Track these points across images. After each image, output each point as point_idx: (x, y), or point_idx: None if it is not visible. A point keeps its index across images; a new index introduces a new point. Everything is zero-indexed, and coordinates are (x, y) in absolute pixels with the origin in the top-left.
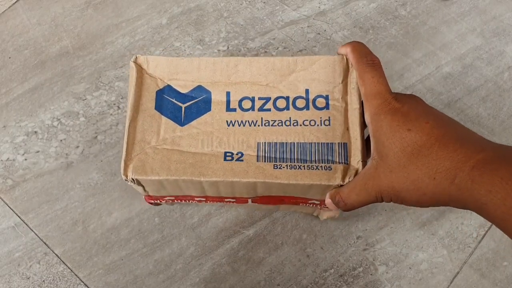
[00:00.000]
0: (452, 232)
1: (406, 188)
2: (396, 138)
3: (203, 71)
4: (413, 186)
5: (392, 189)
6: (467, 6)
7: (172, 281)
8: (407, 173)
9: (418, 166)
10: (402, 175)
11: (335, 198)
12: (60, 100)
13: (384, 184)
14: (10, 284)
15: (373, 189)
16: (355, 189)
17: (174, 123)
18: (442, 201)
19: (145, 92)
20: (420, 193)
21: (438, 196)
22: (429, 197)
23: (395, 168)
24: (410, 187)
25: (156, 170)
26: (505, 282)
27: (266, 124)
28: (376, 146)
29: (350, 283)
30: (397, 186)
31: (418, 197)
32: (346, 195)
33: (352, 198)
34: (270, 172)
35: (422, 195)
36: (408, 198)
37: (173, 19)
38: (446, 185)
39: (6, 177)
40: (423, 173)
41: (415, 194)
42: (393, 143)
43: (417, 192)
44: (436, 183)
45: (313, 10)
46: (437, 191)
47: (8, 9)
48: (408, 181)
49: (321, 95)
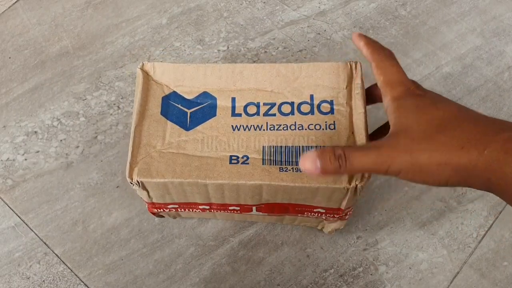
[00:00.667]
0: (452, 232)
1: (428, 156)
2: (422, 113)
3: (208, 77)
4: (437, 153)
5: (410, 156)
6: (467, 6)
7: (172, 281)
8: (432, 141)
9: (445, 135)
10: (425, 144)
11: (334, 152)
12: (60, 100)
13: (401, 150)
14: (10, 284)
15: (387, 153)
16: (364, 149)
17: (179, 128)
18: (462, 175)
19: (151, 98)
20: (443, 162)
21: (462, 167)
22: (451, 169)
23: (419, 137)
24: (433, 155)
25: (161, 172)
26: (505, 282)
27: (271, 128)
28: (398, 121)
29: (350, 283)
30: (417, 153)
31: (439, 168)
32: (351, 152)
33: (358, 158)
34: (276, 174)
35: (445, 165)
36: (426, 168)
37: (173, 19)
38: (474, 156)
39: (6, 177)
40: (451, 142)
41: (437, 163)
42: (420, 117)
43: (440, 161)
44: (463, 153)
45: (313, 10)
46: (462, 162)
47: (8, 9)
48: (431, 148)
49: (326, 100)
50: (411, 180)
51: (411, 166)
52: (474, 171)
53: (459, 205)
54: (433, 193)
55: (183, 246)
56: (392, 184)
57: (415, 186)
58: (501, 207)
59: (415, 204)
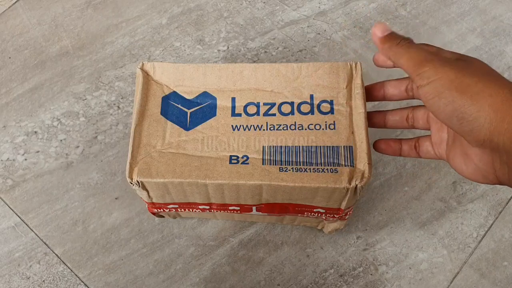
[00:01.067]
0: (452, 232)
1: (476, 80)
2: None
3: (208, 77)
4: (488, 83)
5: (459, 71)
6: (467, 6)
7: (172, 281)
8: (487, 75)
9: (501, 78)
10: (480, 73)
11: (399, 35)
12: (60, 100)
13: (453, 64)
14: (10, 284)
15: (438, 58)
16: (420, 45)
17: (179, 128)
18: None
19: (151, 98)
20: (488, 93)
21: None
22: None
23: (476, 67)
24: (483, 82)
25: (161, 172)
26: (505, 282)
27: (271, 128)
28: (459, 56)
29: (350, 283)
30: (467, 73)
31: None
32: (413, 43)
33: (412, 47)
34: (276, 174)
35: (489, 96)
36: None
37: (173, 19)
38: None
39: (6, 177)
40: (504, 83)
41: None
42: (479, 61)
43: (487, 90)
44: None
45: (313, 10)
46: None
47: (8, 9)
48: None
49: (326, 100)
50: (434, 96)
51: (453, 78)
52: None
53: (459, 205)
54: (433, 193)
55: (183, 246)
56: (392, 184)
57: (415, 186)
58: (501, 207)
59: (415, 204)
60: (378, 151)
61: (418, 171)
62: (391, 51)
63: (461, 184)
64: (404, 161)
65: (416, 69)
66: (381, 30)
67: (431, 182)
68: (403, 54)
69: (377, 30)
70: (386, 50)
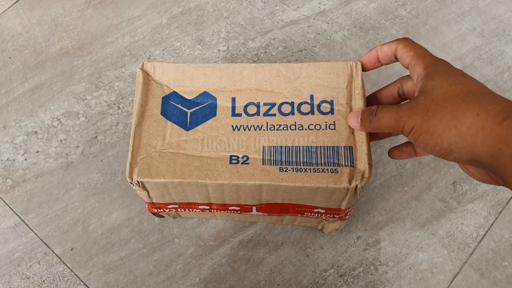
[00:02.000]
0: (452, 232)
1: (440, 116)
2: (450, 77)
3: (208, 77)
4: (450, 115)
5: (424, 114)
6: (467, 6)
7: (172, 281)
8: (449, 104)
9: (464, 101)
10: (443, 104)
11: (371, 108)
12: (60, 100)
13: (419, 108)
14: (10, 284)
15: (405, 111)
16: (389, 107)
17: (179, 128)
18: (468, 143)
19: (151, 98)
20: (452, 125)
21: (470, 134)
22: (457, 133)
23: (437, 98)
24: (445, 116)
25: (161, 172)
26: (505, 282)
27: (272, 128)
28: (424, 84)
29: (350, 283)
30: (431, 112)
31: (445, 130)
32: (381, 108)
33: (383, 114)
34: (276, 174)
35: (453, 127)
36: (433, 129)
37: (173, 19)
38: (490, 124)
39: (6, 177)
40: (467, 107)
41: (445, 124)
42: (445, 80)
43: (450, 123)
44: (478, 119)
45: (313, 10)
46: (474, 128)
47: (8, 9)
48: (446, 110)
49: (326, 100)
50: (418, 141)
51: (421, 124)
52: (485, 139)
53: (459, 205)
54: (433, 193)
55: (183, 246)
56: (392, 184)
57: (415, 186)
58: (501, 207)
59: (415, 204)
60: (394, 159)
61: (418, 171)
62: (372, 130)
63: (461, 184)
64: (404, 161)
65: (396, 130)
66: (355, 120)
67: (431, 182)
68: (381, 127)
69: (353, 122)
70: (369, 131)
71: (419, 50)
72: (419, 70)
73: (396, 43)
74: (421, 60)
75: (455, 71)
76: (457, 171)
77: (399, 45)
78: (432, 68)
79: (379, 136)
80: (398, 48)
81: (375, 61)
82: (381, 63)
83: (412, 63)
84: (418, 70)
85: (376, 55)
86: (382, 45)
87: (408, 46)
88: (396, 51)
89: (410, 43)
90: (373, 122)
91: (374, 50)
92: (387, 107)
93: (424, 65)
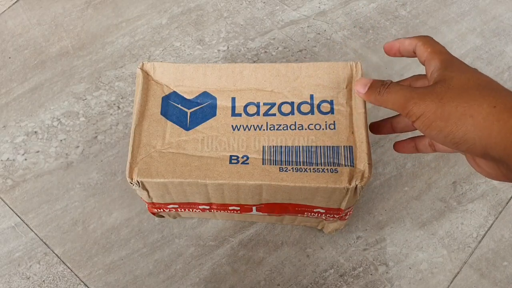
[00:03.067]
0: (452, 232)
1: (456, 104)
2: (468, 72)
3: (208, 77)
4: (466, 104)
5: (439, 100)
6: (467, 6)
7: (172, 281)
8: (466, 94)
9: (481, 93)
10: (459, 94)
11: (383, 81)
12: (60, 100)
13: (433, 94)
14: (10, 284)
15: (418, 93)
16: (403, 86)
17: (179, 128)
18: (482, 134)
19: (151, 98)
20: (468, 113)
21: (485, 125)
22: (472, 122)
23: (455, 87)
24: (461, 104)
25: (161, 172)
26: (505, 282)
27: (271, 128)
28: (441, 73)
29: (350, 283)
30: (447, 99)
31: (461, 118)
32: (394, 84)
33: (395, 89)
34: (276, 174)
35: (469, 116)
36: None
37: (173, 19)
38: (506, 117)
39: (6, 177)
40: (484, 99)
41: (461, 113)
42: (462, 72)
43: (466, 112)
44: (494, 111)
45: (313, 10)
46: (490, 119)
47: (8, 9)
48: (463, 99)
49: (326, 100)
50: (430, 128)
51: (435, 110)
52: (500, 131)
53: (459, 205)
54: (433, 193)
55: (183, 246)
56: (392, 184)
57: (415, 186)
58: (501, 207)
59: (415, 204)
60: (398, 151)
61: (418, 171)
62: (376, 101)
63: (461, 184)
64: (404, 161)
65: (403, 110)
66: (362, 85)
67: (431, 182)
68: (387, 101)
69: (359, 87)
70: (372, 101)
71: (438, 47)
72: (436, 64)
73: (416, 40)
74: (438, 56)
75: (472, 68)
76: (457, 171)
77: (418, 42)
78: (449, 63)
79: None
80: (417, 44)
81: (395, 51)
82: (401, 54)
83: (428, 58)
84: (434, 64)
85: (397, 46)
86: (405, 38)
87: (427, 43)
88: (416, 48)
89: (430, 40)
90: (382, 94)
91: (397, 41)
92: (400, 85)
93: (441, 60)
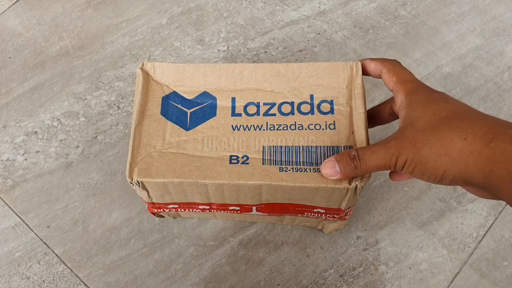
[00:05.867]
0: (452, 232)
1: (429, 146)
2: (432, 106)
3: (208, 77)
4: (439, 143)
5: (413, 146)
6: (467, 6)
7: (172, 281)
8: (435, 132)
9: (450, 127)
10: (429, 134)
11: (349, 154)
12: (60, 100)
13: (407, 141)
14: (10, 284)
15: (393, 147)
16: (373, 147)
17: (179, 128)
18: (460, 168)
19: (151, 98)
20: (442, 153)
21: (461, 159)
22: (449, 160)
23: (423, 128)
24: (435, 145)
25: (161, 172)
26: (505, 282)
27: (271, 128)
28: (407, 115)
29: (350, 283)
30: (420, 143)
31: (438, 159)
32: (363, 151)
33: (370, 156)
34: (276, 174)
35: (444, 155)
36: (426, 159)
37: (173, 19)
38: (478, 147)
39: (6, 177)
40: (453, 133)
41: (436, 154)
42: (427, 108)
43: (440, 151)
44: (466, 143)
45: (313, 10)
46: (464, 153)
47: (8, 9)
48: (434, 139)
49: (326, 100)
50: (413, 173)
51: (413, 156)
52: (476, 163)
53: (459, 205)
54: (433, 193)
55: (183, 246)
56: (392, 184)
57: (415, 186)
58: (501, 207)
59: (415, 204)
60: (394, 181)
61: None
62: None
63: None
64: None
65: (388, 167)
66: (331, 170)
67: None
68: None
69: (329, 173)
70: (351, 177)
71: (402, 75)
72: (401, 98)
73: (381, 66)
74: (402, 87)
75: (436, 97)
76: None
77: (383, 69)
78: (413, 96)
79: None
80: (383, 71)
81: (364, 71)
82: (368, 74)
83: (394, 89)
84: (400, 97)
85: (365, 67)
86: (371, 60)
87: (391, 71)
88: (382, 74)
89: (394, 67)
90: (360, 168)
91: (365, 61)
92: (370, 149)
93: (405, 93)
